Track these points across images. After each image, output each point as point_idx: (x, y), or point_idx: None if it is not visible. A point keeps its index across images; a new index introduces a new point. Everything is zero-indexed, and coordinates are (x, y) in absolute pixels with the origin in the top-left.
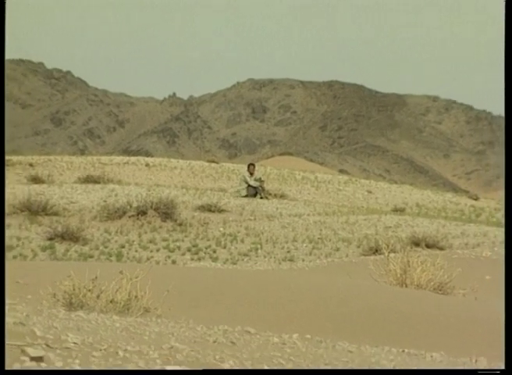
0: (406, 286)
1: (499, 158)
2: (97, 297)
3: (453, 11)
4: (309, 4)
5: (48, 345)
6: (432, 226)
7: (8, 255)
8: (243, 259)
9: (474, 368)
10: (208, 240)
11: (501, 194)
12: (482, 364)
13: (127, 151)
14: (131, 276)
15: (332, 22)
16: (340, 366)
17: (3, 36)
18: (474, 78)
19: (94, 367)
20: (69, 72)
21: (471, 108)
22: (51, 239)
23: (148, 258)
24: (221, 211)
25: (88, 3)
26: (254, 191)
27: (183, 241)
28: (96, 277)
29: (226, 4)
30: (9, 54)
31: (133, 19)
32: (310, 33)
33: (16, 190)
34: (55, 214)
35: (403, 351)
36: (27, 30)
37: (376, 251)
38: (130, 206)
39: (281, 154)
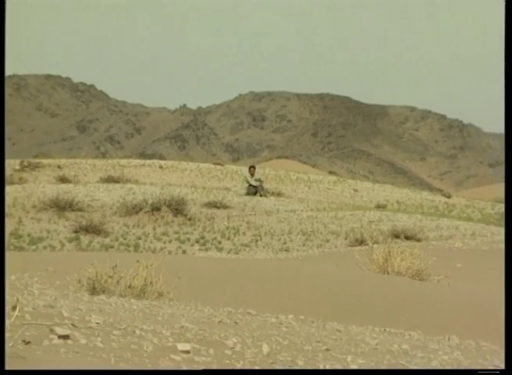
0: (387, 273)
1: (469, 161)
2: (117, 282)
3: (429, 31)
4: (303, 26)
5: (73, 325)
6: (410, 221)
7: (39, 245)
8: (244, 250)
9: (474, 368)
10: (214, 232)
11: (471, 192)
12: (454, 341)
13: (143, 155)
14: (147, 264)
15: (323, 42)
16: (330, 343)
17: (3, 36)
18: (447, 90)
19: (114, 345)
20: (92, 85)
21: (444, 117)
22: (76, 232)
23: (162, 249)
24: (225, 207)
25: (107, 26)
26: (255, 190)
27: (192, 233)
28: (116, 265)
29: (230, 25)
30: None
31: (149, 39)
32: (303, 52)
33: (46, 189)
34: (80, 210)
35: (385, 330)
36: (56, 47)
37: (361, 242)
38: (146, 203)
39: (278, 157)
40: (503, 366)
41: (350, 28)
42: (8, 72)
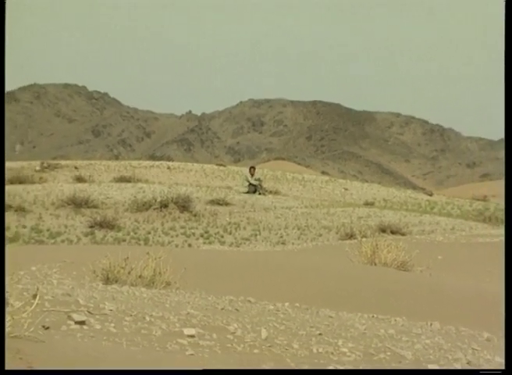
0: (375, 264)
1: (449, 162)
2: (129, 273)
3: (413, 44)
4: (298, 40)
5: (89, 312)
6: (396, 217)
7: (57, 239)
8: (245, 243)
9: (474, 368)
10: (217, 227)
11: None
12: (436, 327)
13: (152, 157)
14: (155, 256)
15: (316, 54)
16: (322, 329)
17: (3, 36)
18: (429, 98)
19: (126, 330)
20: (106, 93)
21: (426, 122)
22: (91, 227)
23: (169, 242)
24: (227, 204)
25: (121, 39)
26: (254, 189)
27: (196, 228)
28: (127, 257)
29: (232, 39)
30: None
31: (158, 51)
32: (298, 63)
33: (64, 188)
34: (95, 207)
35: (373, 316)
36: (73, 58)
37: (351, 236)
38: (155, 201)
39: (275, 159)
40: (481, 350)
41: (340, 41)
42: (29, 81)
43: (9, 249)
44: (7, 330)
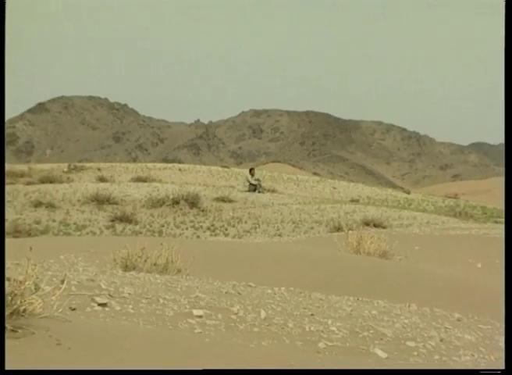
0: (360, 253)
1: (424, 164)
2: (145, 261)
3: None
4: (292, 55)
5: (110, 295)
6: (378, 212)
7: (82, 232)
8: (246, 235)
9: (474, 368)
10: (222, 221)
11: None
12: (413, 308)
13: (165, 160)
14: (168, 246)
15: (309, 70)
16: (314, 310)
17: (3, 36)
18: (407, 108)
19: (142, 311)
20: (125, 104)
21: (405, 129)
22: (112, 221)
23: (180, 234)
24: (230, 201)
25: (137, 55)
26: (254, 188)
27: (204, 222)
28: (144, 247)
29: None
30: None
31: (170, 67)
32: (293, 77)
33: (88, 187)
34: (115, 203)
35: (358, 299)
36: (96, 73)
37: (339, 229)
38: (168, 198)
39: (272, 161)
40: (452, 328)
41: (330, 58)
42: (57, 93)
43: (40, 240)
44: (38, 311)
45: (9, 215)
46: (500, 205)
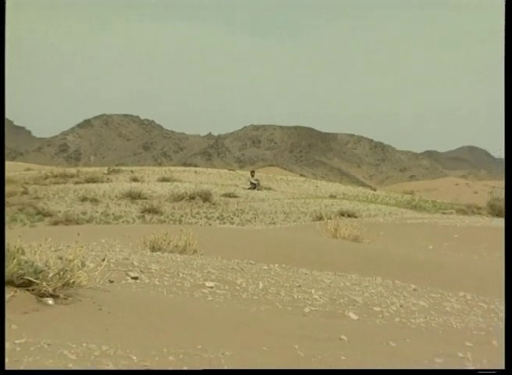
0: (336, 238)
1: (387, 168)
2: (168, 243)
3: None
4: (285, 80)
5: (141, 271)
6: (351, 205)
7: (119, 221)
8: (247, 223)
9: (474, 368)
10: (228, 212)
11: (388, 188)
12: (378, 281)
13: (185, 164)
14: (186, 232)
15: (298, 92)
16: (301, 282)
17: (3, 36)
18: (374, 123)
19: (166, 283)
20: (153, 120)
21: (372, 140)
22: (142, 212)
23: (195, 223)
24: (235, 197)
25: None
26: (254, 186)
27: (214, 213)
28: (167, 233)
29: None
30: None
31: (188, 90)
32: (285, 98)
33: (124, 185)
34: (145, 198)
35: (335, 273)
36: (130, 94)
37: (320, 218)
38: (186, 194)
39: (268, 165)
40: (409, 297)
41: (312, 84)
42: (100, 112)
43: (86, 227)
44: (84, 283)
45: (61, 207)
46: (446, 199)
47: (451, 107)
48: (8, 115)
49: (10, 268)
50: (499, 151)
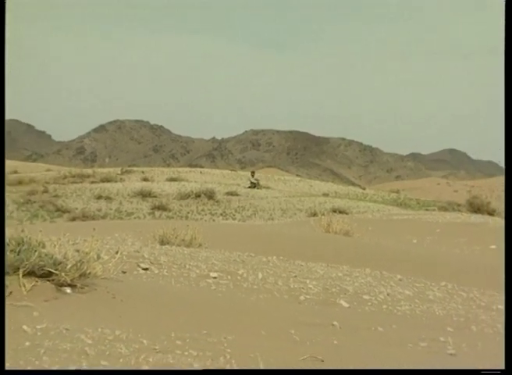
0: (329, 232)
1: (375, 169)
2: (175, 237)
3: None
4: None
5: (151, 262)
6: (342, 202)
7: (131, 217)
8: (248, 219)
9: (474, 368)
10: (231, 209)
11: (376, 187)
12: (367, 272)
13: (191, 165)
14: (192, 227)
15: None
16: (297, 273)
17: (3, 36)
18: (363, 128)
19: (174, 273)
20: (162, 125)
21: (361, 143)
22: (152, 209)
23: (201, 218)
24: (237, 195)
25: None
26: (254, 185)
27: (218, 210)
28: (175, 228)
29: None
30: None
31: (195, 97)
32: (281, 106)
33: (135, 185)
34: (155, 196)
35: (328, 265)
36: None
37: (314, 214)
38: (192, 193)
39: (267, 167)
40: (395, 286)
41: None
42: (113, 117)
43: (101, 223)
44: (99, 274)
45: (79, 205)
46: (429, 197)
47: (433, 113)
48: (31, 120)
49: (32, 260)
50: (476, 153)
